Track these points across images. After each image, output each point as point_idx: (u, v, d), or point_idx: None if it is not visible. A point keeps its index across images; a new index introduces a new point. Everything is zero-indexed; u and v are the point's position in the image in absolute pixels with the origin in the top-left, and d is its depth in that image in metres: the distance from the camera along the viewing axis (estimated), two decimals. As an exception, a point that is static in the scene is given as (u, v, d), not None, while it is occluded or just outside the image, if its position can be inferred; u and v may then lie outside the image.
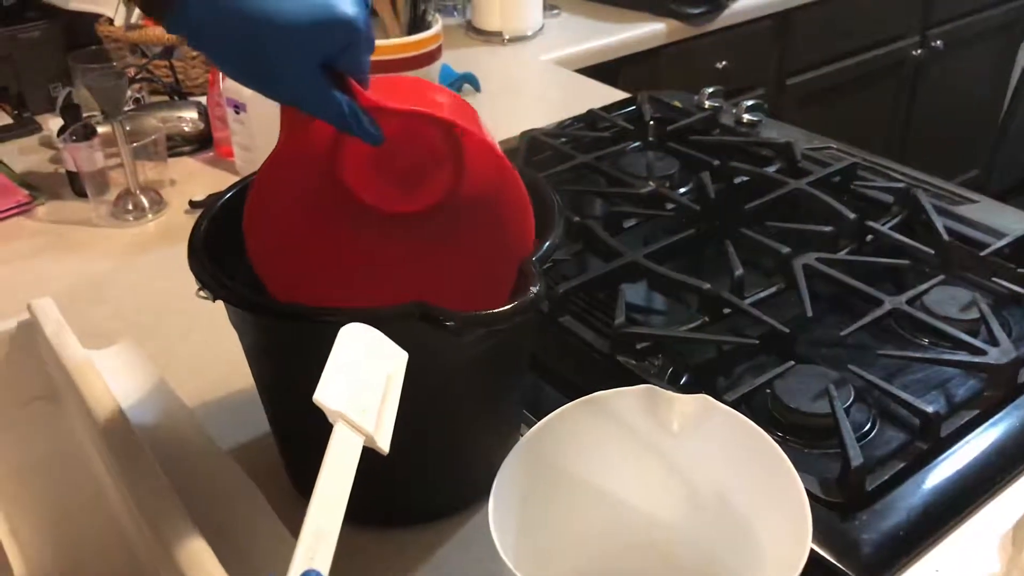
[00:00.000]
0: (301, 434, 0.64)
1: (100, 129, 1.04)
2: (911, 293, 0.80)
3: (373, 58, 1.07)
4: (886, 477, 0.63)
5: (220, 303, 0.56)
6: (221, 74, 1.11)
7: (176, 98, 1.26)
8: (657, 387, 0.56)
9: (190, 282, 0.56)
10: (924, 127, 2.32)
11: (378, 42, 1.07)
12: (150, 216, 1.04)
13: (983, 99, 2.51)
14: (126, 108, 1.11)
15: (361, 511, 0.63)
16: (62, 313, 0.71)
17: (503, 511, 0.51)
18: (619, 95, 1.33)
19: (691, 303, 0.82)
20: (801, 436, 0.68)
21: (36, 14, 1.31)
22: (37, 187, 1.11)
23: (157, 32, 1.28)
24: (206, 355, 0.79)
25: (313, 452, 0.64)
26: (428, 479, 0.62)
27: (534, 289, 0.52)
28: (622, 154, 1.11)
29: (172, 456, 0.61)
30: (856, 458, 0.62)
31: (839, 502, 0.61)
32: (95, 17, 1.31)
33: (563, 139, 1.13)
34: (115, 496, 0.59)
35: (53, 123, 1.16)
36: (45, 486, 0.65)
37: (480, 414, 0.62)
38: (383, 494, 0.63)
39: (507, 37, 1.58)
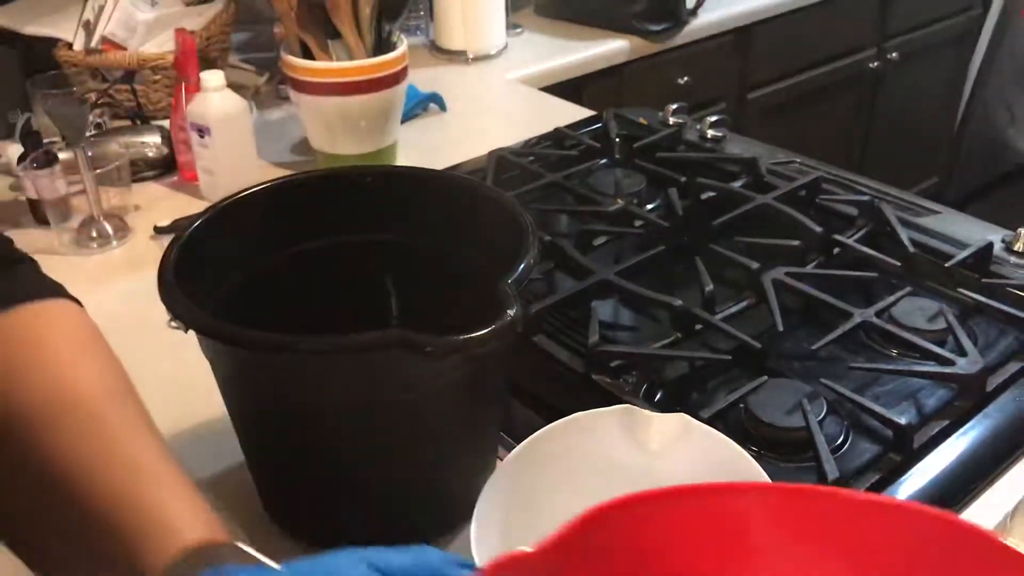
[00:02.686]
0: (276, 464, 0.63)
1: (62, 155, 1.03)
2: (879, 305, 0.81)
3: (338, 79, 1.07)
4: (862, 490, 0.63)
5: (191, 332, 0.55)
6: (184, 97, 1.10)
7: (138, 123, 1.25)
8: (635, 407, 0.56)
9: (158, 310, 0.55)
10: (883, 138, 2.36)
11: (343, 64, 1.07)
12: (114, 243, 1.03)
13: (939, 109, 2.56)
14: (88, 133, 1.09)
15: (339, 536, 0.63)
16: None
17: (485, 535, 0.51)
18: (584, 113, 1.34)
19: (663, 320, 0.83)
20: (776, 450, 0.68)
21: (-8, 39, 1.29)
22: (-3, 215, 1.09)
23: (117, 56, 1.27)
24: (177, 384, 0.77)
25: (287, 482, 0.63)
26: (408, 503, 0.62)
27: (511, 312, 0.52)
28: (589, 172, 1.11)
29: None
30: (831, 471, 0.62)
31: (816, 516, 0.62)
32: (53, 42, 1.29)
33: (530, 158, 1.14)
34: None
35: (12, 150, 1.14)
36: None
37: (460, 437, 0.61)
38: (362, 519, 0.62)
39: (471, 56, 1.59)
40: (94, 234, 1.03)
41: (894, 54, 2.22)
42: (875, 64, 2.20)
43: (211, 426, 0.72)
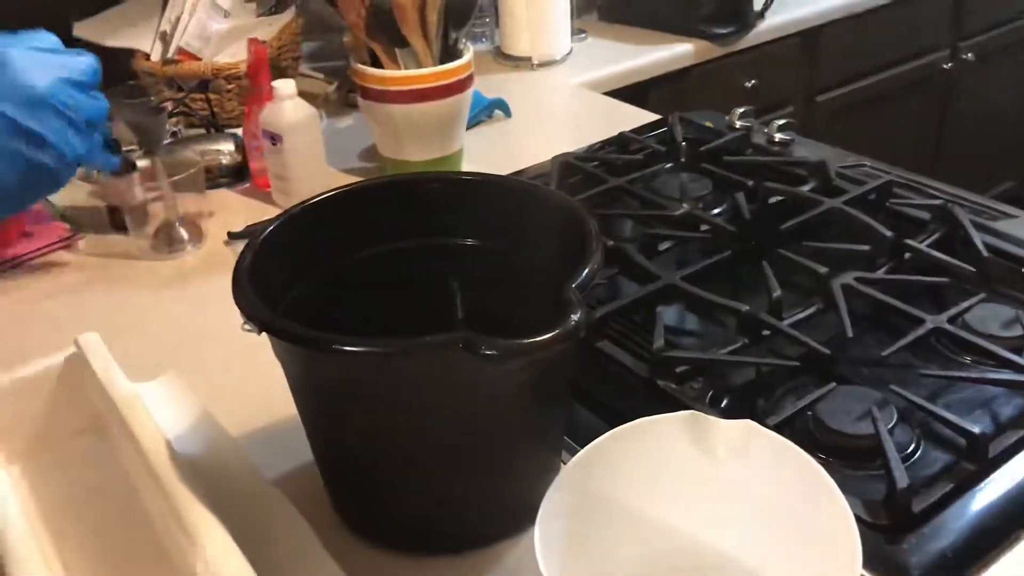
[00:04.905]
0: (345, 465, 0.64)
1: (140, 163, 1.06)
2: (952, 311, 0.79)
3: (406, 87, 1.08)
4: (933, 499, 0.62)
5: (264, 334, 0.57)
6: (257, 106, 1.13)
7: (212, 131, 1.28)
8: (701, 413, 0.56)
9: (231, 313, 0.57)
10: (957, 141, 2.31)
11: (411, 72, 1.09)
12: (189, 248, 1.06)
13: (1017, 111, 2.49)
14: (164, 141, 1.13)
15: (405, 538, 0.64)
16: (106, 345, 0.72)
17: (549, 538, 0.51)
18: (649, 117, 1.34)
19: (729, 325, 0.82)
20: (844, 458, 0.67)
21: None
22: (77, 221, 1.12)
23: (192, 66, 1.30)
24: (248, 385, 0.80)
25: (353, 482, 0.65)
26: (472, 506, 0.62)
27: (575, 317, 0.53)
28: (655, 176, 1.11)
29: (219, 487, 0.61)
30: (902, 480, 0.61)
31: (885, 525, 0.61)
32: (132, 52, 1.34)
33: (595, 163, 1.14)
34: (163, 528, 0.60)
35: (93, 158, 1.18)
36: (94, 519, 0.66)
37: (523, 441, 0.62)
38: (427, 521, 0.63)
39: (536, 62, 1.60)
40: (171, 239, 1.06)
41: (969, 55, 2.17)
42: (949, 65, 2.15)
43: (283, 426, 0.74)
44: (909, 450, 0.68)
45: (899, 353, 0.76)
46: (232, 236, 1.06)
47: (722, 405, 0.74)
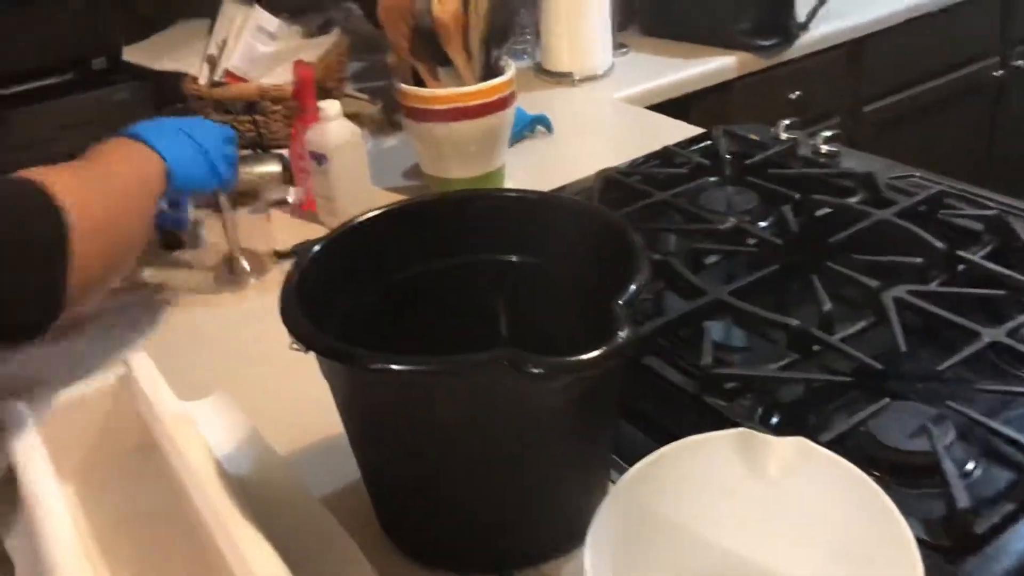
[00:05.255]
0: (391, 483, 0.64)
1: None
2: (1010, 324, 0.77)
3: (449, 106, 1.09)
4: (996, 519, 0.60)
5: (311, 353, 0.57)
6: (304, 126, 1.14)
7: (259, 151, 1.29)
8: (752, 430, 0.55)
9: (279, 332, 0.57)
10: (1009, 150, 2.26)
11: (454, 90, 1.09)
12: (252, 281, 1.04)
13: (1070, 118, 2.43)
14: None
15: (452, 557, 0.64)
16: (157, 365, 0.73)
17: (599, 557, 0.50)
18: (693, 131, 1.33)
19: (778, 340, 0.81)
20: (899, 476, 0.66)
21: (125, 76, 1.36)
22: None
23: (240, 88, 1.32)
24: (297, 403, 0.80)
25: (400, 501, 0.65)
26: (519, 525, 0.62)
27: (623, 334, 0.52)
28: (700, 190, 1.10)
29: (267, 506, 0.61)
30: (962, 499, 0.60)
31: (946, 546, 0.59)
32: (181, 76, 1.36)
33: (638, 177, 1.13)
34: (211, 546, 0.60)
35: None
36: (145, 538, 0.67)
37: (570, 459, 0.61)
38: (474, 540, 0.63)
39: (577, 77, 1.59)
40: (232, 272, 1.04)
41: (1019, 62, 2.13)
42: (999, 72, 2.11)
43: (331, 444, 0.73)
44: (968, 468, 0.66)
45: (955, 368, 0.74)
46: (279, 256, 1.07)
47: (772, 422, 0.73)
